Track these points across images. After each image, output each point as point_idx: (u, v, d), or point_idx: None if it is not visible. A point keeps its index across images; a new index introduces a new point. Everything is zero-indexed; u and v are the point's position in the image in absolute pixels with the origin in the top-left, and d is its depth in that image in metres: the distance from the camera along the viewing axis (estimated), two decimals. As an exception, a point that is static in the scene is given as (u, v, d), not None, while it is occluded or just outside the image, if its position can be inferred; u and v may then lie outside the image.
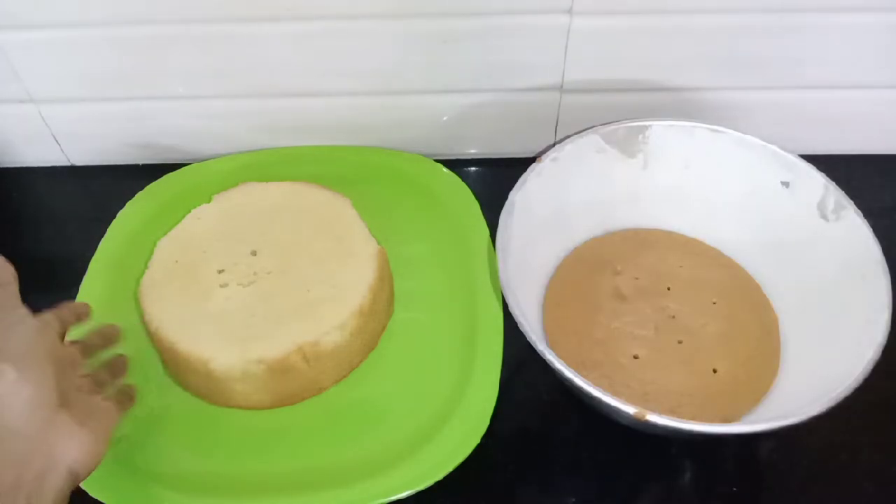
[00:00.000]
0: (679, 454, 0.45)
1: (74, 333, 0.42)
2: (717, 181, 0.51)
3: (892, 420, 0.46)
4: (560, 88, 0.54)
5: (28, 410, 0.34)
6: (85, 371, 0.40)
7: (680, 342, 0.47)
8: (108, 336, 0.44)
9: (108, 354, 0.44)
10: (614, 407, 0.37)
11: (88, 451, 0.35)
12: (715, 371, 0.46)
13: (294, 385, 0.45)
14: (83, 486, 0.40)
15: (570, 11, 0.49)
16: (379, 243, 0.49)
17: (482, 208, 0.53)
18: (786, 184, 0.48)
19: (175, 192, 0.55)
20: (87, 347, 0.42)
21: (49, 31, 0.51)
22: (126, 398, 0.42)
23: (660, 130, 0.50)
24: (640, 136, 0.51)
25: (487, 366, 0.45)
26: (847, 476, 0.44)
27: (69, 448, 0.34)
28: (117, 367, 0.44)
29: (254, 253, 0.48)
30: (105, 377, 0.42)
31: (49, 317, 0.39)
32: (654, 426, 0.37)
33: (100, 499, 0.40)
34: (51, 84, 0.55)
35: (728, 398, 0.44)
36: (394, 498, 0.40)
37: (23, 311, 0.37)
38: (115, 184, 0.58)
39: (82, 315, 0.43)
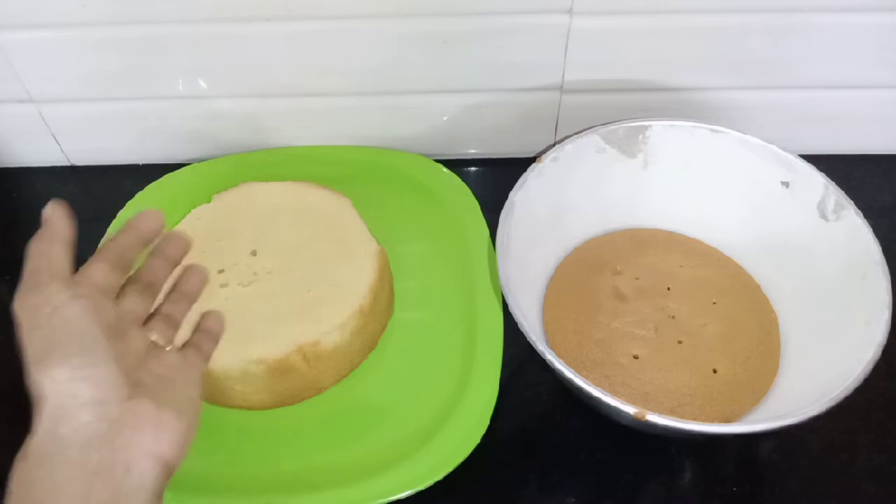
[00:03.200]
0: (679, 454, 0.45)
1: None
2: (717, 181, 0.51)
3: (892, 420, 0.46)
4: (560, 88, 0.54)
5: (93, 415, 0.30)
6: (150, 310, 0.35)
7: (680, 342, 0.47)
8: (175, 251, 0.38)
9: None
10: (614, 407, 0.37)
11: (176, 432, 0.31)
12: (715, 371, 0.46)
13: (294, 385, 0.45)
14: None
15: (570, 11, 0.49)
16: (379, 243, 0.49)
17: (482, 208, 0.53)
18: (786, 184, 0.48)
19: (175, 192, 0.55)
20: (150, 273, 0.37)
21: (49, 31, 0.51)
22: (211, 329, 0.37)
23: (660, 130, 0.50)
24: (641, 136, 0.51)
25: (487, 366, 0.45)
26: (847, 476, 0.44)
27: (152, 439, 0.31)
28: (193, 282, 0.38)
29: (254, 253, 0.48)
30: (179, 306, 0.37)
31: (95, 276, 0.33)
32: (655, 426, 0.37)
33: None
34: (51, 84, 0.55)
35: (728, 398, 0.44)
36: (394, 498, 0.40)
37: (61, 290, 0.32)
38: (115, 184, 0.58)
39: (149, 240, 0.36)
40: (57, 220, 0.34)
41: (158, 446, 0.31)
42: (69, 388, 0.31)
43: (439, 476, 0.41)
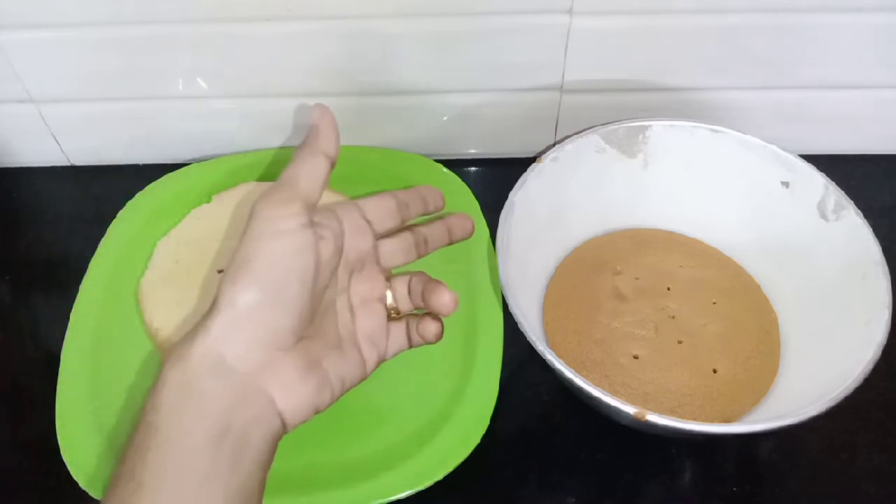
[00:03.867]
0: (679, 454, 0.45)
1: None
2: (717, 181, 0.51)
3: (892, 420, 0.46)
4: (560, 88, 0.54)
5: (250, 349, 0.31)
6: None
7: (680, 342, 0.47)
8: (458, 232, 0.42)
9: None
10: (614, 407, 0.37)
11: (305, 403, 0.33)
12: (715, 371, 0.46)
13: (294, 385, 0.45)
14: (83, 486, 0.40)
15: (570, 11, 0.49)
16: (379, 243, 0.49)
17: (482, 208, 0.53)
18: (786, 184, 0.48)
19: (175, 192, 0.55)
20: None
21: (49, 31, 0.51)
22: (427, 331, 0.38)
23: (660, 130, 0.50)
24: (641, 136, 0.51)
25: (487, 366, 0.45)
26: (847, 476, 0.44)
27: (281, 397, 0.32)
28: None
29: (254, 253, 0.48)
30: (431, 284, 0.38)
31: (377, 207, 0.37)
32: (654, 426, 0.37)
33: (100, 499, 0.40)
34: (51, 84, 0.55)
35: (728, 398, 0.44)
36: (394, 498, 0.40)
37: (300, 214, 0.33)
38: (115, 184, 0.58)
39: (428, 210, 0.40)
40: (324, 130, 0.36)
41: (283, 406, 0.32)
42: (243, 314, 0.31)
43: (439, 476, 0.41)
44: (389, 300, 0.39)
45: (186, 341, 0.32)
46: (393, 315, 0.40)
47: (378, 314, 0.38)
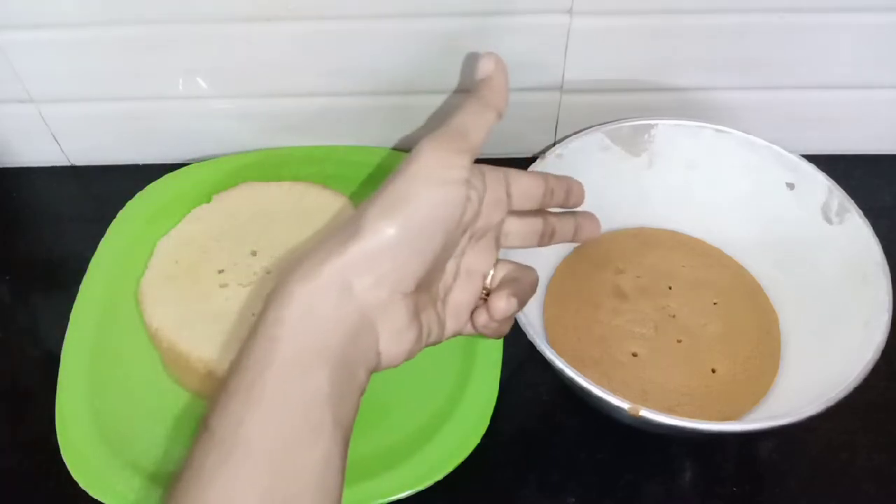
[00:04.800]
0: (679, 454, 0.45)
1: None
2: (721, 181, 0.51)
3: (892, 420, 0.46)
4: (560, 88, 0.54)
5: (378, 283, 0.31)
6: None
7: (679, 341, 0.47)
8: (587, 230, 0.42)
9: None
10: (609, 402, 0.37)
11: (401, 351, 0.33)
12: (714, 371, 0.46)
13: (294, 385, 0.45)
14: (83, 486, 0.40)
15: (570, 11, 0.49)
16: (379, 243, 0.48)
17: (482, 208, 0.53)
18: (790, 185, 0.48)
19: (175, 192, 0.55)
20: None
21: (49, 31, 0.51)
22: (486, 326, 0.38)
23: (665, 129, 0.50)
24: (646, 135, 0.50)
25: (487, 366, 0.45)
26: (847, 476, 0.44)
27: (385, 340, 0.33)
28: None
29: (254, 253, 0.48)
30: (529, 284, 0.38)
31: (522, 183, 0.37)
32: (650, 423, 0.37)
33: (100, 499, 0.40)
34: (51, 84, 0.55)
35: (727, 398, 0.44)
36: (394, 498, 0.40)
37: (461, 169, 0.33)
38: (115, 184, 0.58)
39: (567, 202, 0.39)
40: (497, 83, 0.36)
41: (383, 347, 0.33)
42: (382, 247, 0.31)
43: (439, 476, 0.41)
44: (489, 280, 0.38)
45: (317, 258, 0.32)
46: (484, 296, 0.39)
47: (475, 289, 0.37)
